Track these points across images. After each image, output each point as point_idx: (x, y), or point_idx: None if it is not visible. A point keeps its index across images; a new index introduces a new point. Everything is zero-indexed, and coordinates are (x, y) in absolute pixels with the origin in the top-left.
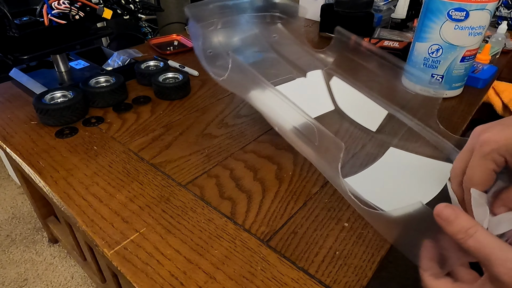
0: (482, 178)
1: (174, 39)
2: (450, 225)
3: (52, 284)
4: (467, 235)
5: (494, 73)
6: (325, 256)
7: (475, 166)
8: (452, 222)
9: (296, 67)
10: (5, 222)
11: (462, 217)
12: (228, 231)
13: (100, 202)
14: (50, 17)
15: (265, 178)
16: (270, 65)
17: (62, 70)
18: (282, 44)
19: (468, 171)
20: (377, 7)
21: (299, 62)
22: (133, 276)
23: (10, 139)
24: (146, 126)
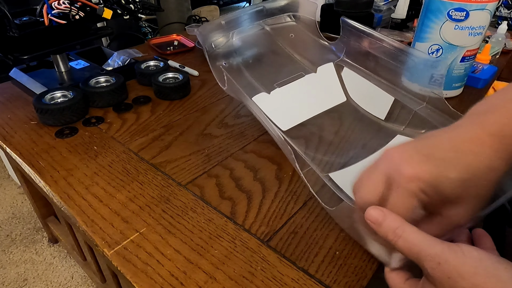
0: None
1: (174, 39)
2: (380, 227)
3: (52, 284)
4: (396, 235)
5: (494, 73)
6: (325, 256)
7: (398, 204)
8: (381, 224)
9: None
10: (5, 222)
11: (389, 217)
12: (228, 231)
13: (100, 202)
14: (50, 17)
15: (265, 178)
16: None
17: (62, 70)
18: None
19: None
20: (377, 7)
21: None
22: (133, 276)
23: (10, 139)
24: (146, 126)
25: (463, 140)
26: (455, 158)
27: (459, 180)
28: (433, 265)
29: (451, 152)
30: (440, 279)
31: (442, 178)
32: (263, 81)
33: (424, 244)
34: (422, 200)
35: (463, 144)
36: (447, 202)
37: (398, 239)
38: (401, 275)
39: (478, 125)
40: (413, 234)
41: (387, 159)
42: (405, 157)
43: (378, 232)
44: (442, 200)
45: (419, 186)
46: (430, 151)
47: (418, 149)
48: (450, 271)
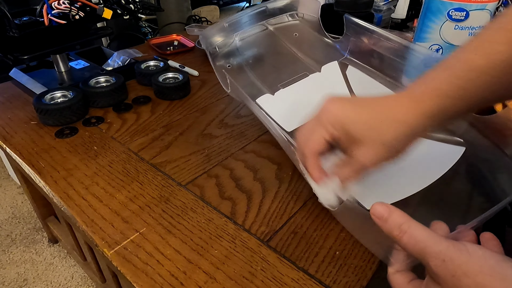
0: (314, 144)
1: (174, 39)
2: (385, 223)
3: (52, 284)
4: (401, 231)
5: None
6: (325, 256)
7: (311, 132)
8: (386, 220)
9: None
10: (5, 222)
11: (395, 213)
12: (228, 231)
13: (100, 202)
14: (50, 17)
15: (265, 178)
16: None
17: (62, 70)
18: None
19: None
20: (377, 7)
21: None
22: (133, 276)
23: (10, 139)
24: (146, 126)
25: (385, 98)
26: (368, 107)
27: (366, 123)
28: (437, 262)
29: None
30: (444, 277)
31: (352, 117)
32: (267, 82)
33: (430, 240)
34: (330, 134)
35: (384, 100)
36: (354, 142)
37: (403, 235)
38: (405, 276)
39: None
40: (418, 230)
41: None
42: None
43: (383, 228)
44: (349, 139)
45: (330, 119)
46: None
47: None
48: (455, 269)
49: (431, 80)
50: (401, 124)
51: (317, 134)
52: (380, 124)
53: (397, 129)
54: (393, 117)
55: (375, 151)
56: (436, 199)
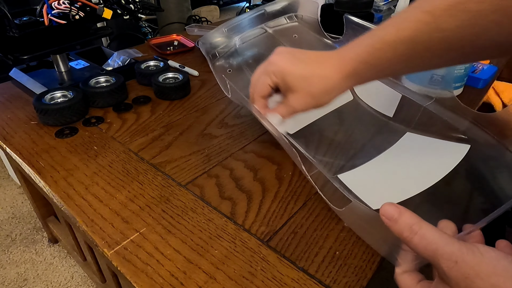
0: (262, 88)
1: (174, 39)
2: (395, 224)
3: (52, 284)
4: (412, 232)
5: (494, 73)
6: (325, 256)
7: (259, 78)
8: (396, 221)
9: None
10: (5, 222)
11: (405, 214)
12: (228, 231)
13: (100, 202)
14: (50, 17)
15: (265, 178)
16: None
17: (62, 70)
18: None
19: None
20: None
21: None
22: (133, 276)
23: (10, 139)
24: (146, 126)
25: (320, 56)
26: (306, 60)
27: (300, 76)
28: (450, 264)
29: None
30: (457, 279)
31: (290, 69)
32: None
33: (441, 242)
34: (274, 81)
35: (319, 57)
36: (289, 89)
37: (414, 236)
38: (413, 277)
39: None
40: (429, 231)
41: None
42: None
43: (393, 229)
44: (286, 87)
45: (273, 69)
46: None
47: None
48: (468, 270)
49: (356, 45)
50: (327, 80)
51: (262, 80)
52: (311, 77)
53: (324, 84)
54: (322, 73)
55: (304, 99)
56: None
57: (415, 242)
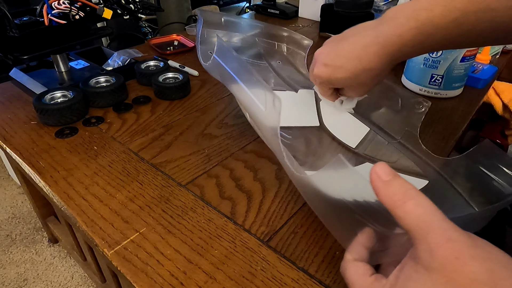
0: (324, 92)
1: (174, 39)
2: (388, 186)
3: (52, 284)
4: (408, 196)
5: (494, 74)
6: (325, 256)
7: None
8: (389, 182)
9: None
10: (5, 222)
11: (401, 178)
12: (228, 231)
13: (100, 202)
14: (50, 17)
15: (265, 178)
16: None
17: (62, 70)
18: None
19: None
20: (377, 7)
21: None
22: (133, 276)
23: (10, 139)
24: (146, 126)
25: (356, 48)
26: (344, 63)
27: (344, 79)
28: (441, 240)
29: (343, 58)
30: (444, 259)
31: (333, 77)
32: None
33: (438, 214)
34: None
35: (355, 51)
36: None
37: (409, 201)
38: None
39: (373, 34)
40: (427, 200)
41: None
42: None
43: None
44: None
45: (321, 81)
46: (330, 58)
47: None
48: (461, 250)
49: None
50: (372, 71)
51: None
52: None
53: (370, 75)
54: (366, 67)
55: (358, 92)
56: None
57: (408, 209)
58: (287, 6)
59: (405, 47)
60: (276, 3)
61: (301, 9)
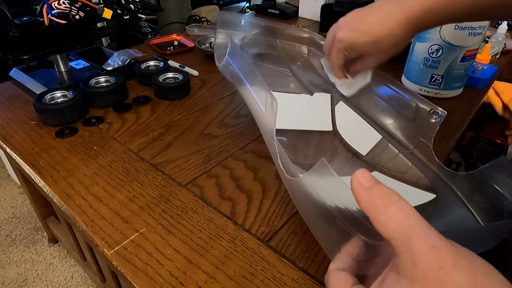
0: (337, 61)
1: (174, 39)
2: (368, 191)
3: (52, 284)
4: (390, 200)
5: (494, 74)
6: (325, 256)
7: (334, 54)
8: (371, 188)
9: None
10: (5, 222)
11: (381, 184)
12: (228, 231)
13: (100, 202)
14: (50, 17)
15: (265, 178)
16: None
17: (62, 70)
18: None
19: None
20: None
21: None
22: (133, 276)
23: (10, 139)
24: (146, 126)
25: (381, 14)
26: (369, 28)
27: (368, 43)
28: (424, 247)
29: (368, 23)
30: (427, 268)
31: (357, 42)
32: None
33: (420, 220)
34: (345, 54)
35: (380, 17)
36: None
37: (391, 205)
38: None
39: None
40: (409, 205)
41: (335, 24)
42: (341, 25)
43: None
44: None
45: (343, 45)
46: (356, 23)
47: (350, 20)
48: (444, 259)
49: None
50: (395, 37)
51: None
52: (379, 41)
53: (392, 41)
54: (388, 32)
55: (379, 58)
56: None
57: (391, 213)
58: (287, 6)
59: (426, 16)
60: (276, 3)
61: (301, 9)
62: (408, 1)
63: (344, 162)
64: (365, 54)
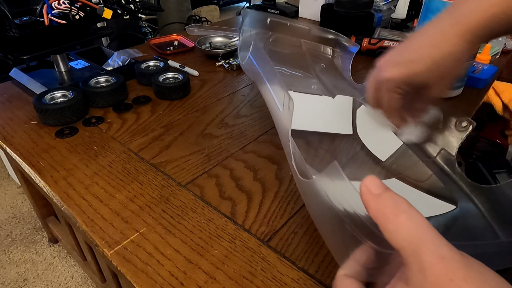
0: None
1: (174, 39)
2: (377, 199)
3: (52, 284)
4: (399, 209)
5: (494, 74)
6: (325, 256)
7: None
8: (380, 195)
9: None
10: (5, 222)
11: (391, 191)
12: (228, 231)
13: (100, 202)
14: (50, 17)
15: (265, 178)
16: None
17: (62, 70)
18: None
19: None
20: (377, 7)
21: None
22: (133, 276)
23: (10, 139)
24: (146, 126)
25: (430, 37)
26: (420, 55)
27: (426, 71)
28: (434, 258)
29: (417, 51)
30: (437, 279)
31: (411, 74)
32: None
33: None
34: (400, 93)
35: (428, 40)
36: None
37: (401, 215)
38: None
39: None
40: (419, 214)
41: (375, 67)
42: (384, 65)
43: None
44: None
45: (395, 84)
46: (401, 56)
47: (393, 55)
48: (455, 271)
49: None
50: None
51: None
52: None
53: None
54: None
55: (443, 86)
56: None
57: (399, 222)
58: (287, 6)
59: (492, 23)
60: (276, 3)
61: (301, 9)
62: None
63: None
64: (424, 87)
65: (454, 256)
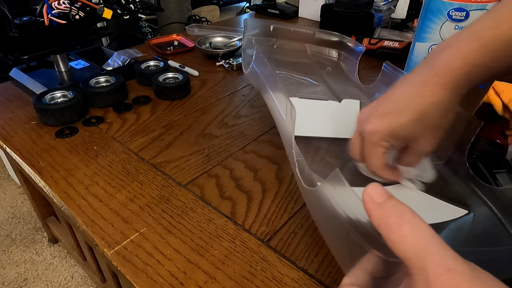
0: (378, 159)
1: (174, 39)
2: (380, 208)
3: (52, 284)
4: (403, 219)
5: None
6: (325, 256)
7: (370, 153)
8: (382, 204)
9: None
10: (5, 222)
11: (395, 199)
12: (228, 231)
13: (100, 202)
14: (50, 17)
15: (265, 178)
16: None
17: (62, 70)
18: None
19: (366, 158)
20: (377, 7)
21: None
22: (133, 276)
23: (10, 139)
24: (146, 126)
25: (412, 87)
26: (404, 105)
27: (410, 122)
28: (440, 270)
29: (400, 101)
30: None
31: (396, 126)
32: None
33: (436, 240)
34: (386, 147)
35: (410, 90)
36: (410, 141)
37: (404, 224)
38: None
39: (427, 68)
40: (423, 224)
41: (358, 120)
42: (366, 117)
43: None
44: (405, 141)
45: (379, 137)
46: (384, 107)
47: (375, 107)
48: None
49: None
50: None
51: (374, 153)
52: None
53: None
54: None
55: (432, 138)
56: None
57: (403, 233)
58: (287, 6)
59: (474, 69)
60: (276, 3)
61: (301, 9)
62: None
63: None
64: (411, 140)
65: (460, 267)
